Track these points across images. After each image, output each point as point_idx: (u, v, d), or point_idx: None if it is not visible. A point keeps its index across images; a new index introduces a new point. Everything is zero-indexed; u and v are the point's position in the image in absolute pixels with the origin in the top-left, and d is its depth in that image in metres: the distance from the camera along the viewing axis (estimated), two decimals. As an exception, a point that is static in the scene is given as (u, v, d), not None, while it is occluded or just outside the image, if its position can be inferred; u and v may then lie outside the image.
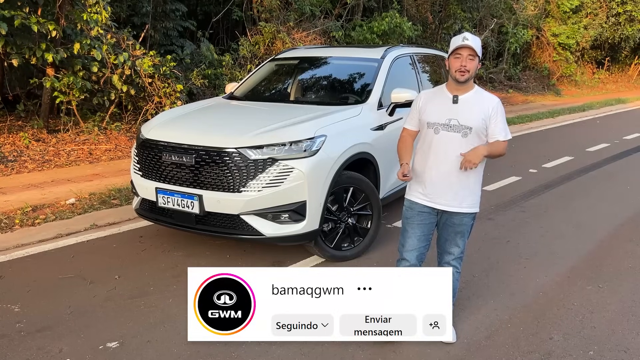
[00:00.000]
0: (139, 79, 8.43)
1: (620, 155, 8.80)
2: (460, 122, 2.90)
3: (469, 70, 2.84)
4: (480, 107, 2.92)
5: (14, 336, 3.14)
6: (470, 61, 2.84)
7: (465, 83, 2.89)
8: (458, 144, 2.91)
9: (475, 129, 2.90)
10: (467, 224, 3.07)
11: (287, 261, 4.21)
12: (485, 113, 2.91)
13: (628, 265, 4.30)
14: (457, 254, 3.14)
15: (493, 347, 3.09)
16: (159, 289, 3.75)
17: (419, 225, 3.09)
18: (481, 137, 2.94)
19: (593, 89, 22.46)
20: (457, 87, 2.93)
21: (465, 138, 2.90)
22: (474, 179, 3.02)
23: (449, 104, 2.93)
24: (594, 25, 21.68)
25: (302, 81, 5.61)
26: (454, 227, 3.06)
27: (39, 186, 6.11)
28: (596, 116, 14.42)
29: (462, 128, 2.90)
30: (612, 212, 5.67)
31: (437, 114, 2.96)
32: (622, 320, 3.42)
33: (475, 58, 2.86)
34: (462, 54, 2.84)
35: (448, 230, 3.09)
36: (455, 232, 3.08)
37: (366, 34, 12.99)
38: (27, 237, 4.70)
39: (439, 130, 2.94)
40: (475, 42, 2.85)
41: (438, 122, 2.94)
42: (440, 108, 2.96)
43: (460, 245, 3.12)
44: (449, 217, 3.06)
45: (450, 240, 3.11)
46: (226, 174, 3.78)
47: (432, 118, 2.97)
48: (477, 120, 2.89)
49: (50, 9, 7.59)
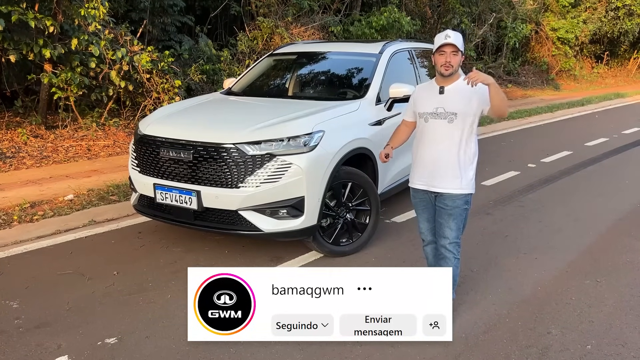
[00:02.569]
0: (137, 74, 8.41)
1: (619, 150, 8.80)
2: (446, 109, 3.14)
3: (453, 65, 3.09)
4: (464, 92, 3.12)
5: (12, 332, 3.14)
6: (453, 56, 3.08)
7: (450, 76, 3.14)
8: (445, 129, 3.15)
9: (460, 114, 3.11)
10: (460, 206, 3.19)
11: (286, 257, 4.21)
12: (469, 96, 3.10)
13: (626, 259, 4.30)
14: (452, 238, 3.23)
15: (491, 342, 3.10)
16: (158, 285, 3.76)
17: (424, 209, 3.38)
18: (466, 121, 3.12)
19: (592, 83, 22.42)
20: (444, 80, 3.18)
21: (451, 123, 3.13)
22: (464, 161, 3.16)
23: (436, 94, 3.19)
24: (593, 19, 21.62)
25: (300, 76, 5.60)
26: (446, 209, 3.21)
27: (37, 182, 6.11)
28: (595, 110, 14.41)
29: (447, 115, 3.13)
30: (610, 206, 5.68)
31: (426, 104, 3.22)
32: (620, 314, 3.43)
33: (459, 53, 3.10)
34: (445, 50, 3.07)
35: (441, 213, 3.25)
36: (448, 214, 3.21)
37: (365, 29, 12.95)
38: (26, 233, 4.70)
39: (428, 119, 3.20)
40: (457, 38, 3.07)
41: (427, 111, 3.21)
42: (429, 99, 3.22)
43: (453, 229, 3.21)
44: (442, 199, 3.22)
45: (443, 224, 3.24)
46: (224, 170, 3.78)
47: (422, 108, 3.24)
48: (462, 104, 3.10)
49: (48, 4, 7.56)
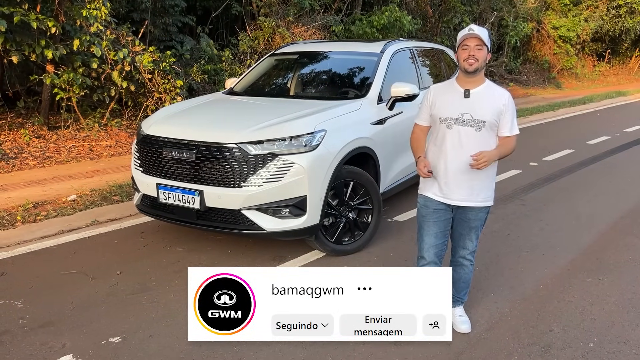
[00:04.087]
0: (138, 75, 8.42)
1: (621, 148, 8.79)
2: (473, 116, 2.88)
3: (478, 60, 2.82)
4: (493, 101, 2.91)
5: (17, 332, 3.16)
6: (478, 50, 2.82)
7: (474, 74, 2.87)
8: (472, 138, 2.89)
9: (488, 123, 2.88)
10: (482, 218, 3.07)
11: (288, 256, 4.22)
12: (498, 108, 2.90)
13: (628, 257, 4.31)
14: (471, 248, 3.15)
15: (493, 340, 3.11)
16: (161, 284, 3.77)
17: (435, 222, 3.08)
18: (493, 130, 2.93)
19: (594, 81, 22.39)
20: (468, 79, 2.91)
21: (479, 132, 2.88)
22: (489, 172, 3.01)
23: (461, 98, 2.91)
24: (595, 17, 21.59)
25: (301, 76, 5.61)
26: (469, 222, 3.06)
27: (40, 183, 6.13)
28: (597, 109, 14.40)
29: (475, 122, 2.88)
30: (612, 204, 5.68)
31: (449, 108, 2.93)
32: (622, 312, 3.44)
33: (484, 48, 2.84)
34: (469, 44, 2.83)
35: (463, 226, 3.09)
36: (470, 227, 3.08)
37: (366, 28, 12.95)
38: (29, 233, 4.72)
39: (452, 125, 2.91)
40: (482, 32, 2.84)
41: (451, 116, 2.92)
42: (452, 102, 2.93)
43: (473, 240, 3.13)
44: (464, 212, 3.04)
45: (465, 235, 3.11)
46: (226, 169, 3.79)
47: (445, 113, 2.94)
48: (490, 114, 2.88)
49: (49, 5, 7.58)
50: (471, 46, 2.82)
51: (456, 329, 3.15)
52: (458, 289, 3.21)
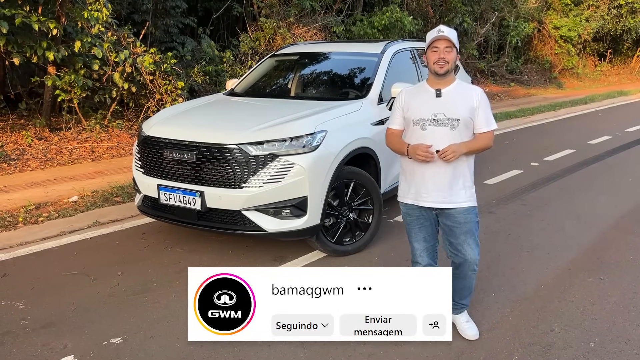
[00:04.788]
0: (140, 76, 8.45)
1: (622, 148, 8.78)
2: (447, 115, 2.84)
3: (448, 62, 2.80)
4: (465, 98, 2.87)
5: (18, 333, 3.17)
6: (448, 53, 2.80)
7: (445, 76, 2.84)
8: (447, 137, 2.84)
9: (462, 120, 2.85)
10: (472, 220, 2.96)
11: (289, 256, 4.23)
12: (471, 104, 2.86)
13: (629, 257, 4.30)
14: (475, 256, 2.99)
15: (494, 340, 3.11)
16: (162, 285, 3.78)
17: (421, 228, 3.07)
18: (469, 127, 2.89)
19: (595, 81, 22.37)
20: (438, 80, 2.88)
21: (454, 131, 2.84)
22: (467, 172, 2.95)
23: (433, 98, 2.88)
24: (596, 17, 21.58)
25: (302, 77, 5.62)
26: (460, 226, 2.95)
27: (41, 184, 6.15)
28: (598, 109, 14.38)
29: (449, 121, 2.84)
30: (613, 204, 5.67)
31: (422, 109, 2.89)
32: (623, 312, 3.43)
33: (453, 49, 2.82)
34: (438, 46, 2.81)
35: (455, 232, 2.98)
36: (464, 231, 2.96)
37: (367, 29, 12.97)
38: (31, 234, 4.73)
39: (426, 126, 2.87)
40: (451, 33, 2.82)
41: (424, 117, 2.87)
42: (425, 103, 2.90)
43: (473, 246, 2.98)
44: (451, 216, 2.95)
45: (462, 244, 2.98)
46: (227, 170, 3.80)
47: (418, 114, 2.90)
48: (464, 111, 2.84)
49: (51, 7, 7.60)
50: (440, 48, 2.80)
51: (464, 336, 3.08)
52: (461, 295, 3.13)
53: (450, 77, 2.90)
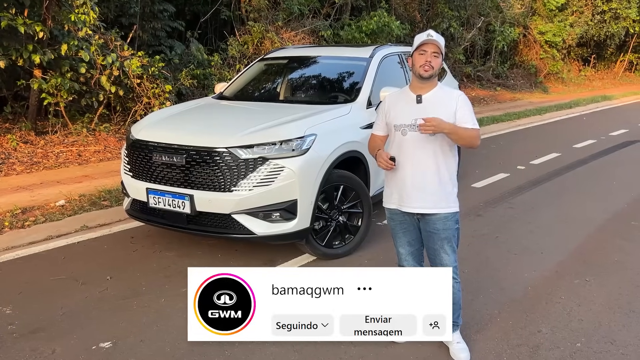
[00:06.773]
0: (127, 79, 8.40)
1: (607, 152, 8.91)
2: None
3: (434, 67, 2.81)
4: (445, 102, 2.86)
5: (6, 338, 3.13)
6: (435, 58, 2.80)
7: (428, 80, 2.84)
8: (428, 143, 2.85)
9: None
10: (451, 227, 2.93)
11: (279, 260, 4.23)
12: (451, 107, 2.85)
13: (615, 259, 4.37)
14: (450, 262, 2.96)
15: (483, 341, 3.14)
16: (152, 289, 3.76)
17: (405, 232, 3.08)
18: None
19: (579, 86, 22.67)
20: (421, 85, 2.88)
21: (434, 136, 2.82)
22: (447, 177, 2.93)
23: (414, 104, 2.88)
24: (580, 23, 21.90)
25: (291, 81, 5.63)
26: (438, 232, 2.92)
27: (28, 188, 6.08)
28: (583, 113, 14.57)
29: None
30: (599, 207, 5.75)
31: (402, 115, 2.90)
32: (609, 312, 3.49)
33: (440, 56, 2.82)
34: (426, 50, 2.80)
35: (433, 238, 2.95)
36: (441, 238, 2.93)
37: (355, 33, 13.03)
38: (17, 239, 4.68)
39: (406, 132, 2.87)
40: (440, 39, 2.82)
41: (404, 123, 2.88)
42: (405, 109, 2.90)
43: (449, 252, 2.96)
44: (431, 223, 2.93)
45: (438, 250, 2.97)
46: (217, 174, 3.80)
47: (399, 120, 2.91)
48: (443, 116, 2.78)
49: (37, 10, 7.55)
50: (428, 52, 2.79)
51: (455, 358, 3.00)
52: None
53: (433, 82, 2.90)
